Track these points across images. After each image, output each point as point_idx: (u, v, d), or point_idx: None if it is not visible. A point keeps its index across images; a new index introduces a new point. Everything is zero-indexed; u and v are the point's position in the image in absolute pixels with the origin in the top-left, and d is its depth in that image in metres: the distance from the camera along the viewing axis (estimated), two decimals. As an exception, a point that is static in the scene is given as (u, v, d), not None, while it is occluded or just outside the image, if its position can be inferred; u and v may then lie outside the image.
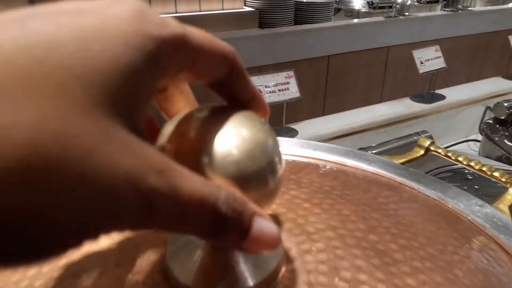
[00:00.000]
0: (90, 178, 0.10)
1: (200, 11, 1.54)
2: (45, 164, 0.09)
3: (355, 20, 1.89)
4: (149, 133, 0.20)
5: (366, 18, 1.91)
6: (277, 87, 0.94)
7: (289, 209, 0.25)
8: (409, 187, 0.32)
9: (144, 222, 0.12)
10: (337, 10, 1.98)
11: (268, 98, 0.92)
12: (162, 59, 0.14)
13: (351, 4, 2.01)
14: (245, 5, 1.68)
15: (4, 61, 0.10)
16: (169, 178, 0.12)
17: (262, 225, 0.15)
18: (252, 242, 0.15)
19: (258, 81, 0.92)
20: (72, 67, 0.11)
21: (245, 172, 0.17)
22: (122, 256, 0.22)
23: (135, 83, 0.13)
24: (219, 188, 0.14)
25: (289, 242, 0.22)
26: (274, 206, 0.25)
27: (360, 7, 1.97)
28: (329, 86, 1.83)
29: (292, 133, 0.97)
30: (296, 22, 1.74)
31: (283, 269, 0.21)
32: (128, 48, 0.12)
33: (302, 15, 1.74)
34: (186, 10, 1.51)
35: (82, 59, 0.11)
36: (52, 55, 0.11)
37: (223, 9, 1.60)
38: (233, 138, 0.17)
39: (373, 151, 0.77)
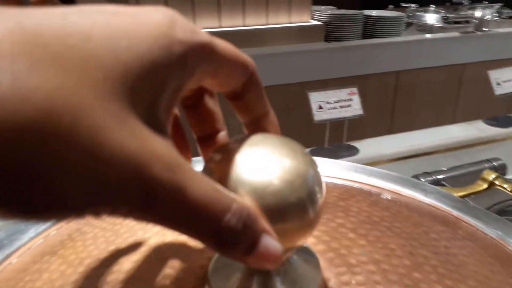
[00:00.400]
0: (92, 154, 0.11)
1: (266, 25, 1.57)
2: (54, 130, 0.10)
3: (428, 35, 1.82)
4: (175, 134, 0.21)
5: (440, 34, 1.82)
6: (339, 103, 0.93)
7: (333, 238, 0.25)
8: (467, 223, 0.30)
9: (145, 211, 0.13)
10: (409, 25, 1.91)
11: (329, 114, 0.92)
12: (189, 62, 0.15)
13: (424, 19, 1.93)
14: (312, 19, 1.68)
15: (40, 44, 0.11)
16: (176, 174, 0.13)
17: (269, 243, 0.15)
18: (256, 258, 0.15)
19: (319, 97, 0.91)
20: (98, 58, 0.12)
21: (285, 202, 0.17)
22: (168, 268, 0.23)
23: (157, 80, 0.13)
24: (232, 200, 0.15)
25: (329, 272, 0.22)
26: (318, 233, 0.26)
27: (434, 22, 1.89)
28: (397, 103, 1.77)
29: (353, 151, 0.95)
30: (365, 36, 1.72)
31: (321, 299, 0.21)
32: (154, 48, 0.13)
33: (371, 29, 1.71)
34: (253, 23, 1.55)
35: (108, 52, 0.12)
36: (83, 45, 0.12)
37: (290, 23, 1.61)
38: (275, 169, 0.18)
39: (438, 176, 0.73)
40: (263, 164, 0.18)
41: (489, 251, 0.27)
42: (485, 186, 0.48)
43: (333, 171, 0.36)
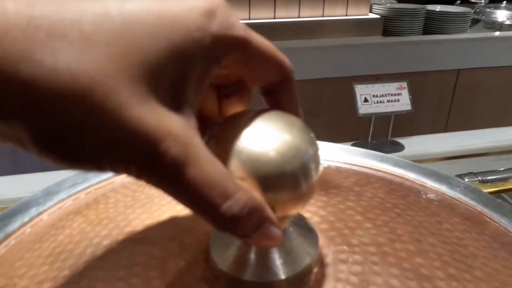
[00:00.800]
0: (115, 124, 0.14)
1: (322, 17, 1.54)
2: (90, 103, 0.13)
3: (497, 33, 1.70)
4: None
5: (511, 32, 1.70)
6: (386, 97, 0.90)
7: (338, 218, 0.25)
8: (490, 219, 0.29)
9: (150, 178, 0.15)
10: (475, 21, 1.80)
11: (375, 108, 0.89)
12: (218, 53, 0.16)
13: (494, 16, 1.81)
14: (370, 12, 1.63)
15: (98, 26, 0.14)
16: (182, 152, 0.14)
17: (270, 230, 0.17)
18: (255, 240, 0.17)
19: (365, 90, 0.89)
20: (140, 46, 0.14)
21: (277, 172, 0.18)
22: (176, 233, 0.25)
23: (183, 68, 0.15)
24: (238, 188, 0.16)
25: (327, 249, 0.22)
26: (324, 213, 0.26)
27: (504, 19, 1.77)
28: (455, 103, 1.68)
29: (396, 147, 0.92)
30: (426, 32, 1.64)
31: (314, 270, 0.21)
32: (188, 39, 0.15)
33: (433, 25, 1.63)
34: (309, 15, 1.53)
35: (149, 40, 0.14)
36: (130, 31, 0.14)
37: (346, 15, 1.58)
38: (273, 140, 0.18)
39: (485, 178, 0.69)
40: (261, 136, 0.18)
41: (507, 248, 0.25)
42: (519, 184, 0.45)
43: (353, 158, 0.35)
